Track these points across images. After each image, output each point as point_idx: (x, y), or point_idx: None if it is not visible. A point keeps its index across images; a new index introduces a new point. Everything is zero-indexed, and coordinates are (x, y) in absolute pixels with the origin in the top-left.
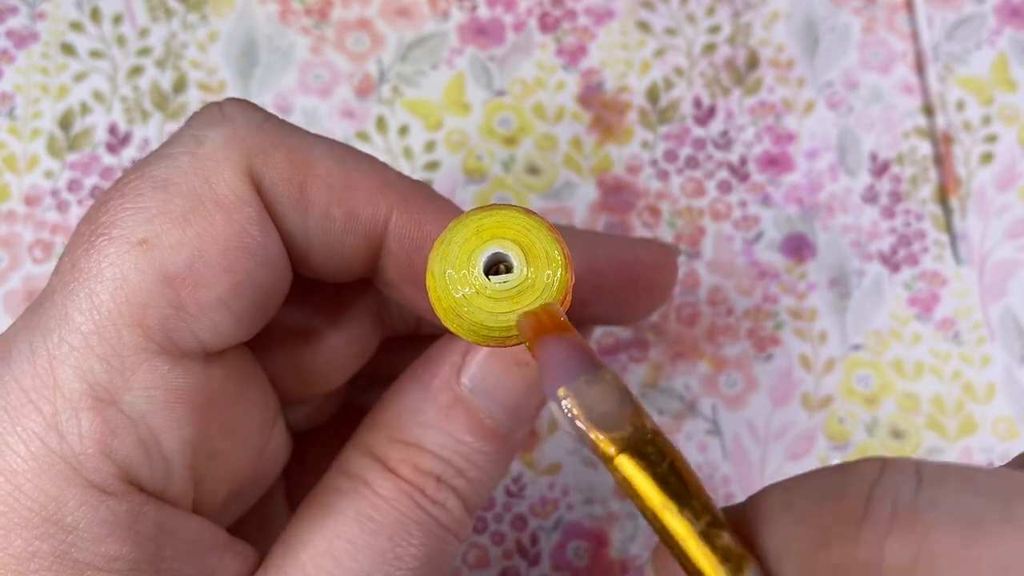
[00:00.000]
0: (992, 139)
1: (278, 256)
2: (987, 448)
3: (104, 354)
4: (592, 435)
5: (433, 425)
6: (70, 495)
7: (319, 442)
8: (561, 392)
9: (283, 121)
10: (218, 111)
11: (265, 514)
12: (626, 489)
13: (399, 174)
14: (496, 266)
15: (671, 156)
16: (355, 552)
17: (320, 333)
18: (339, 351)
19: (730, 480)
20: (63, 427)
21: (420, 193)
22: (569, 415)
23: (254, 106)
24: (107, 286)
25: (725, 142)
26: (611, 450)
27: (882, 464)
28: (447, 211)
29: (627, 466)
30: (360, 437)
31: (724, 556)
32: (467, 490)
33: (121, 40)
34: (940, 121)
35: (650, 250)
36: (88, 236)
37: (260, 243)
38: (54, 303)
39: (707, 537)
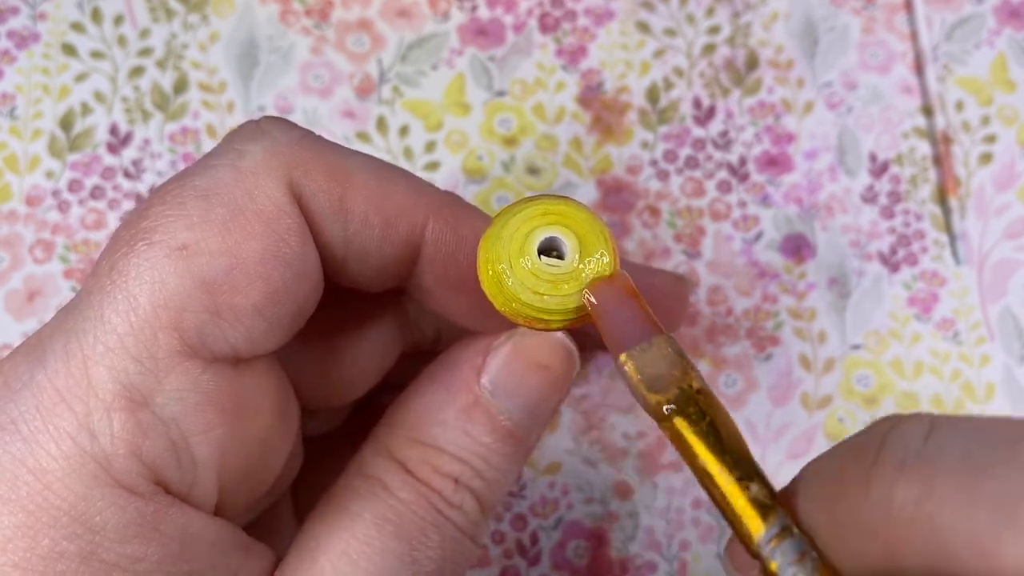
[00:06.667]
0: (991, 139)
1: (313, 267)
2: None
3: (139, 355)
4: (643, 396)
5: (452, 426)
6: (98, 495)
7: (325, 447)
8: (622, 358)
9: (320, 136)
10: (256, 127)
11: (272, 517)
12: (674, 444)
13: (431, 185)
14: (546, 252)
15: (671, 156)
16: (373, 555)
17: (345, 344)
18: (361, 362)
19: None
20: (95, 427)
21: (454, 201)
22: (627, 378)
23: (291, 123)
24: (145, 289)
25: (725, 142)
26: (658, 411)
27: (896, 420)
28: (481, 217)
29: (671, 425)
30: (378, 437)
31: (754, 503)
32: (484, 491)
33: (122, 41)
34: (939, 121)
35: (665, 280)
36: (128, 240)
37: (297, 254)
38: (91, 304)
39: (740, 487)
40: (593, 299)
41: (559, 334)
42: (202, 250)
